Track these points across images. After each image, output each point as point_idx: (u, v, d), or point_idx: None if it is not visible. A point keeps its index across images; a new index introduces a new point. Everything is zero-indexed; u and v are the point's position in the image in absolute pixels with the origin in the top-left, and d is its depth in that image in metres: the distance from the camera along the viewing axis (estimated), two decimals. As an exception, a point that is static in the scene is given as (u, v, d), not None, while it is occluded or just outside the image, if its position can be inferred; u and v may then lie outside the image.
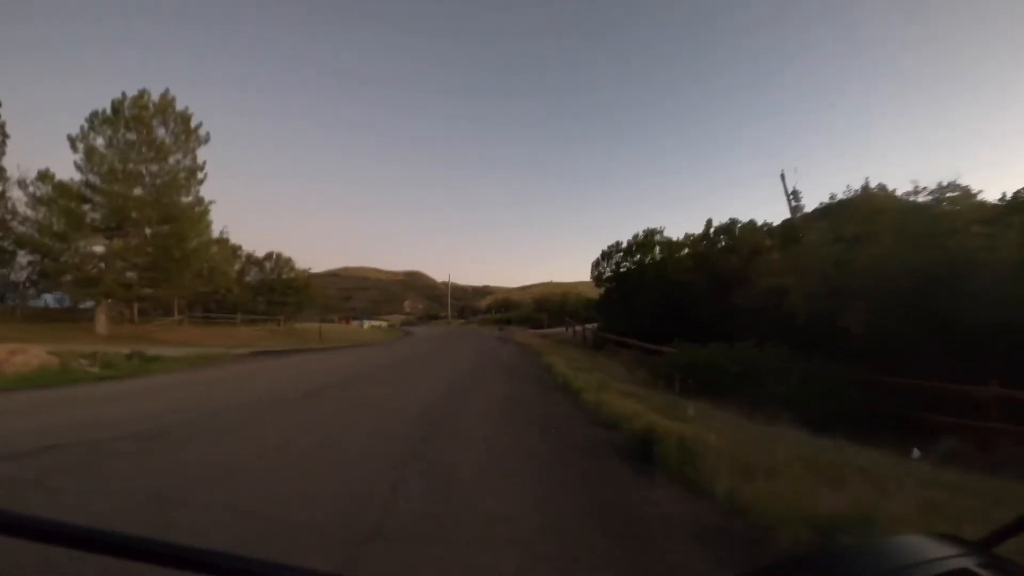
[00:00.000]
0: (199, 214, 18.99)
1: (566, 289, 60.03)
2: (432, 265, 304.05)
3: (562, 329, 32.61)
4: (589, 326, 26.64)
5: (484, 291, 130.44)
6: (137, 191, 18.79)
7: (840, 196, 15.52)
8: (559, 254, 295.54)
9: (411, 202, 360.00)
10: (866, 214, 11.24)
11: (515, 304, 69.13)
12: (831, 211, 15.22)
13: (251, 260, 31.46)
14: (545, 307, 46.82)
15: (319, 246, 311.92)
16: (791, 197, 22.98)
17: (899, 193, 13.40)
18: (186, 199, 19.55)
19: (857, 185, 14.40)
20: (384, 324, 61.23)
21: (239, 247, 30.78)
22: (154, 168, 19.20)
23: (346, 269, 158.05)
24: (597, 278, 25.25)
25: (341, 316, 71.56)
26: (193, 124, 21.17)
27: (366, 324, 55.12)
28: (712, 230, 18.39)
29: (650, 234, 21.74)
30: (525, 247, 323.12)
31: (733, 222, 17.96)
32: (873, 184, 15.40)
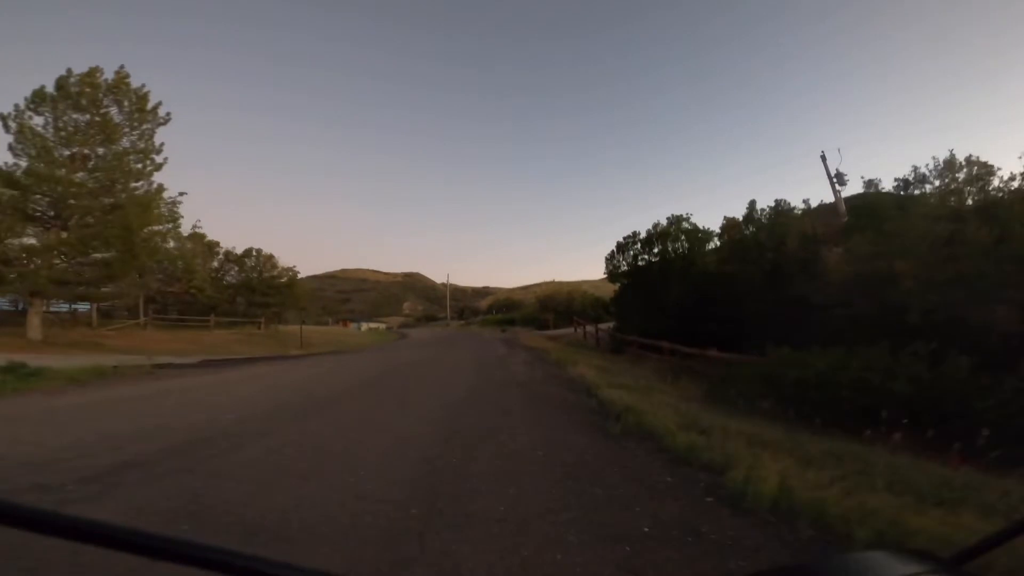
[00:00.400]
0: (148, 201, 16.25)
1: (571, 288, 57.43)
2: (431, 266, 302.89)
3: (570, 330, 30.17)
4: (601, 326, 24.22)
5: (484, 292, 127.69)
6: (80, 175, 16.14)
7: (922, 170, 13.05)
8: (560, 252, 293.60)
9: (409, 203, 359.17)
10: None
11: (517, 304, 66.40)
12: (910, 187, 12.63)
13: (229, 258, 28.69)
14: (550, 306, 44.04)
15: (318, 248, 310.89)
16: (835, 179, 20.38)
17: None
18: (137, 184, 16.86)
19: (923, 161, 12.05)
20: (382, 326, 60.20)
21: (216, 243, 28.07)
22: (100, 151, 16.55)
23: (344, 271, 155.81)
24: (611, 273, 22.57)
25: (338, 318, 70.12)
26: (151, 104, 18.62)
27: (364, 326, 54.36)
28: (755, 213, 15.63)
29: (675, 221, 18.90)
30: (525, 246, 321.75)
31: (779, 203, 15.22)
32: (960, 158, 12.99)
